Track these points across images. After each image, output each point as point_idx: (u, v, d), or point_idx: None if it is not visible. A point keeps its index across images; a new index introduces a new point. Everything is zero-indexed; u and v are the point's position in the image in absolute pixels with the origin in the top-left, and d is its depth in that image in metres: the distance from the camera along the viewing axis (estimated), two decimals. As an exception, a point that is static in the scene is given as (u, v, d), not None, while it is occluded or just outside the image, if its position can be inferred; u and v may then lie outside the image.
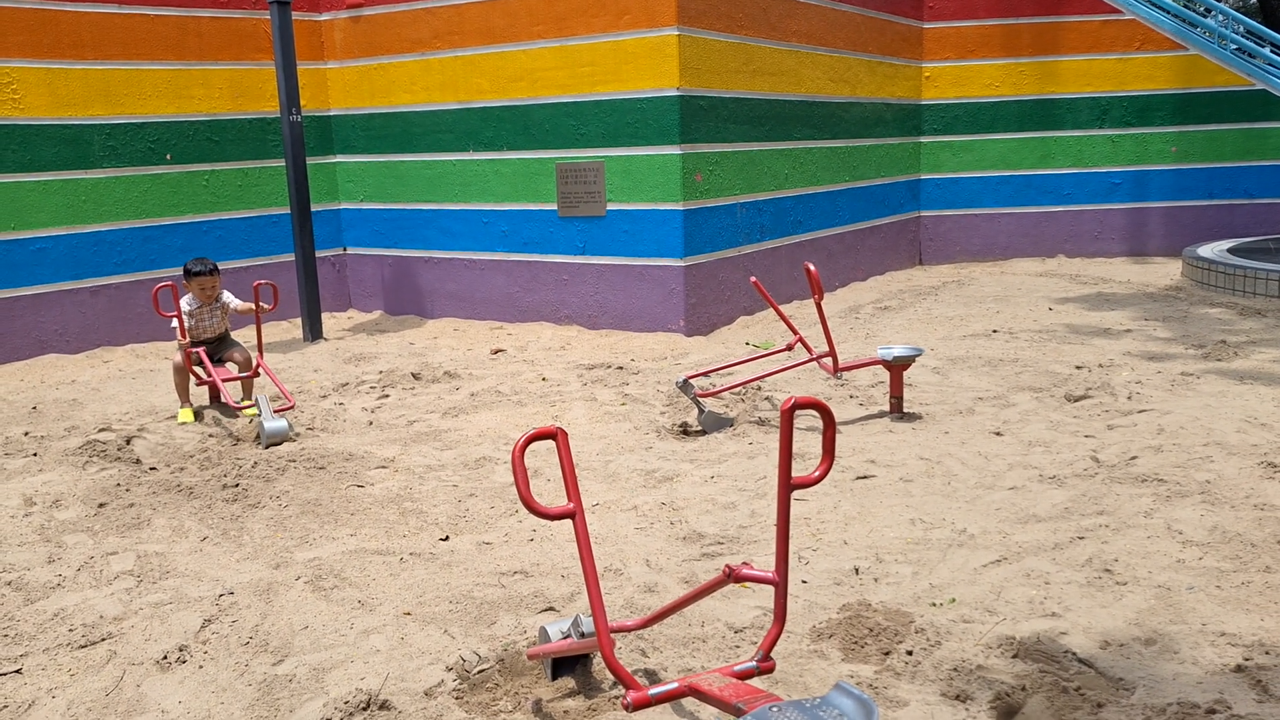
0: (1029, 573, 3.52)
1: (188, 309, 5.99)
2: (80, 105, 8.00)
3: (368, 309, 9.91)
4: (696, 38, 7.97)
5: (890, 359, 5.47)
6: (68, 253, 8.00)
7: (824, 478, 2.42)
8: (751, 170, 8.83)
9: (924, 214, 12.21)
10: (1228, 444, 4.81)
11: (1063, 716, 2.66)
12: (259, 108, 9.09)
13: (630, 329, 8.37)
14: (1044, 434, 5.11)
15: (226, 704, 2.88)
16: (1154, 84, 11.59)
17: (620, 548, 3.89)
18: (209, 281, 6.00)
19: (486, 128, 8.81)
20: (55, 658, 3.19)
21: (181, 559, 3.93)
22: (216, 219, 8.90)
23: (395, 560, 3.85)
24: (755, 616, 3.26)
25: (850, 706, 2.07)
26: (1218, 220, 11.80)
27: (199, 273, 5.98)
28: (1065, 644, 3.00)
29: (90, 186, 8.11)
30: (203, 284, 5.99)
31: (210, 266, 6.01)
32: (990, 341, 7.41)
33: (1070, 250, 12.03)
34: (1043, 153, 11.91)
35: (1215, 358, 6.60)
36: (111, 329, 8.25)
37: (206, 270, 5.99)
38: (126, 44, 8.23)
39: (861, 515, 4.13)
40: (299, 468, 4.94)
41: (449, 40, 8.85)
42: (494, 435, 5.48)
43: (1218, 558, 3.59)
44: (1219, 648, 2.98)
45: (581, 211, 8.45)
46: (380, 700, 2.83)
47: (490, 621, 3.31)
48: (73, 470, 5.02)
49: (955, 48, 11.83)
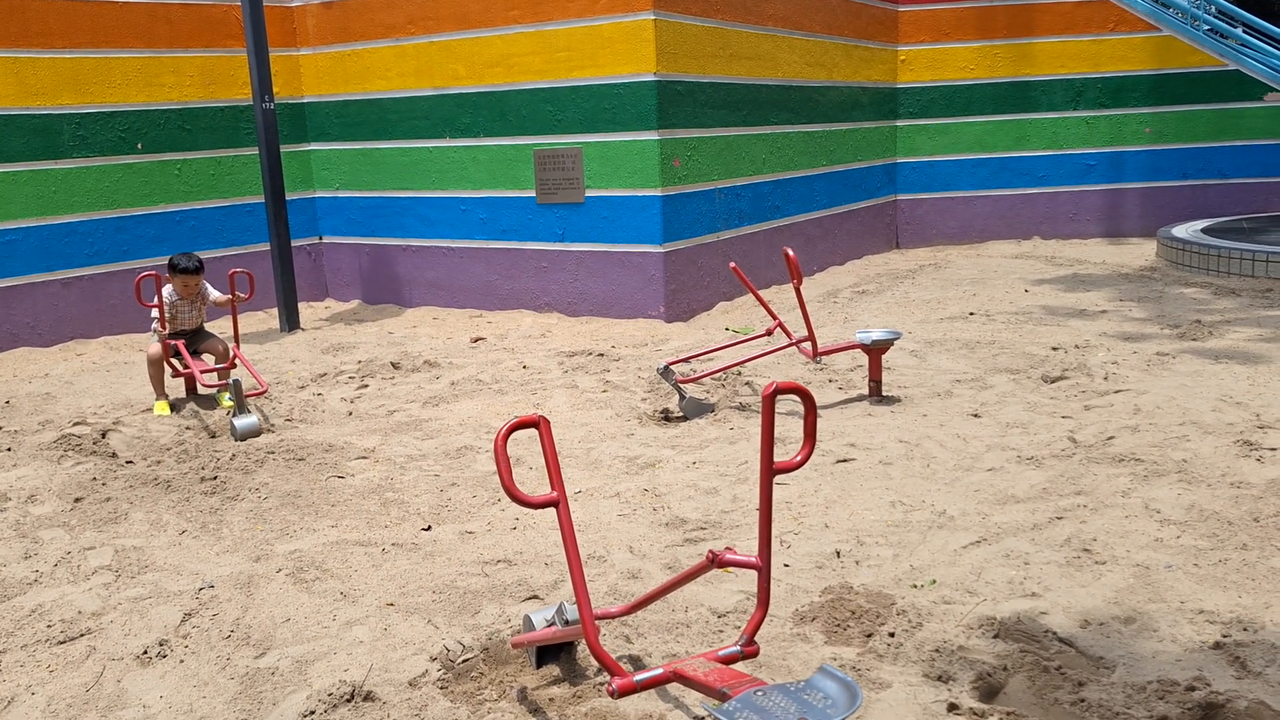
0: (1008, 553, 3.55)
1: (167, 301, 5.93)
2: (49, 94, 7.89)
3: (345, 298, 9.85)
4: (673, 22, 7.93)
5: (869, 343, 5.49)
6: (38, 244, 7.90)
7: (805, 462, 2.42)
8: (729, 155, 8.82)
9: (901, 197, 12.24)
10: (1203, 423, 4.85)
11: (1044, 696, 2.68)
12: (231, 95, 8.99)
13: (610, 315, 8.35)
14: (1021, 415, 5.14)
15: (209, 698, 2.87)
16: (1128, 65, 11.64)
17: (603, 534, 3.89)
18: (193, 280, 5.94)
19: (463, 114, 8.75)
20: (34, 654, 3.16)
21: (160, 553, 3.90)
22: (190, 208, 8.80)
23: (377, 551, 3.83)
24: (738, 601, 3.27)
25: (834, 689, 2.08)
26: (1192, 200, 11.89)
27: (185, 270, 5.90)
28: (1045, 624, 3.03)
29: (60, 177, 8.00)
30: (187, 281, 5.93)
31: (197, 264, 5.93)
32: (967, 324, 7.44)
33: (1046, 232, 12.10)
34: (1018, 135, 11.95)
35: (1190, 337, 6.65)
36: (85, 321, 8.16)
37: (193, 268, 5.91)
38: (95, 32, 8.11)
39: (842, 498, 4.15)
40: (278, 459, 4.91)
41: (424, 25, 8.77)
42: (475, 424, 5.46)
43: (1195, 536, 3.62)
44: (1197, 625, 3.01)
45: (560, 198, 8.42)
46: (364, 692, 2.82)
47: (474, 611, 3.31)
48: (48, 465, 4.96)
49: (930, 30, 11.84)
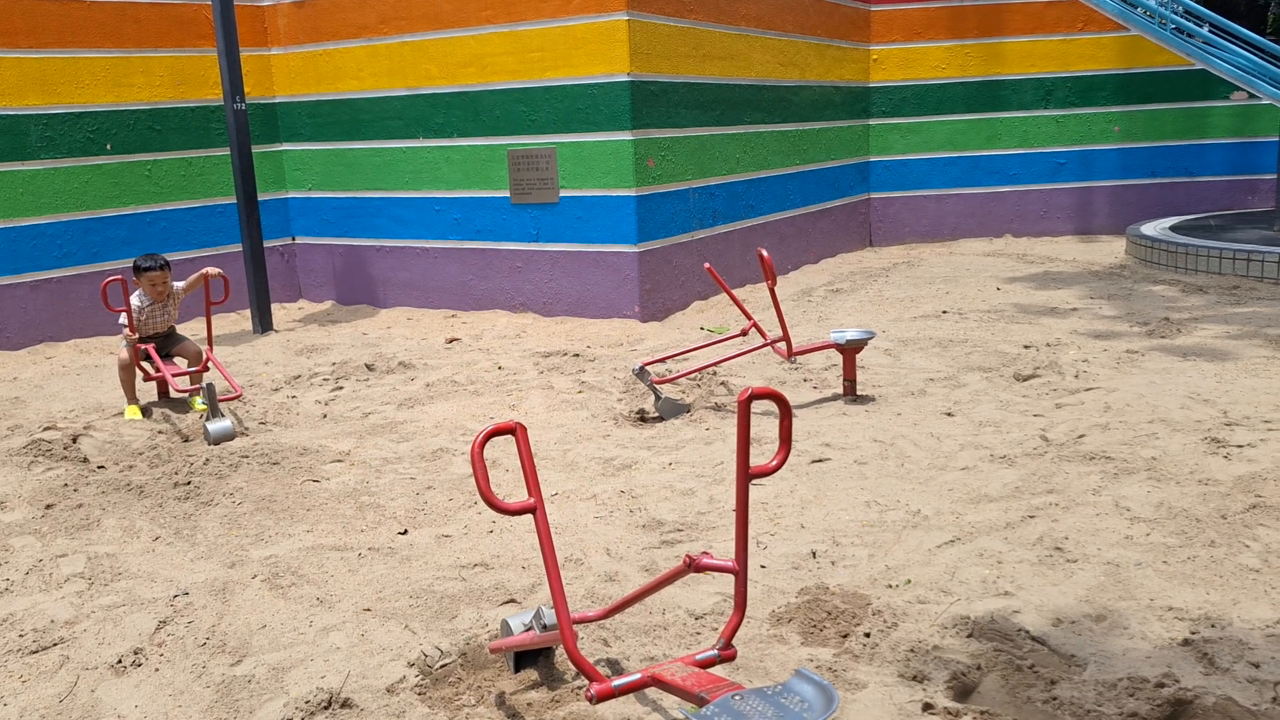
0: (982, 552, 3.59)
1: (137, 305, 5.86)
2: (15, 95, 7.79)
3: (319, 299, 9.79)
4: (646, 22, 7.94)
5: (843, 342, 5.52)
6: (6, 246, 7.80)
7: (781, 466, 2.44)
8: (703, 155, 8.84)
9: (873, 196, 12.31)
10: (1172, 420, 4.92)
11: (1017, 694, 2.72)
12: (202, 95, 8.91)
13: (585, 315, 8.35)
14: (994, 414, 5.20)
15: (184, 706, 2.85)
16: (1097, 64, 11.77)
17: (580, 537, 3.90)
18: (160, 277, 5.88)
19: (436, 114, 8.72)
20: (6, 664, 3.13)
21: (133, 560, 3.87)
22: (160, 210, 8.72)
23: (353, 556, 3.82)
24: (715, 603, 3.28)
25: (811, 693, 2.10)
26: (1161, 198, 12.03)
27: (149, 269, 5.85)
28: (1018, 622, 3.07)
29: (28, 178, 7.91)
30: (153, 280, 5.86)
31: (161, 262, 5.89)
32: (940, 322, 7.50)
33: (1017, 230, 12.21)
34: (989, 134, 12.05)
35: (1159, 335, 6.74)
36: (54, 324, 8.07)
37: (157, 266, 5.86)
38: (63, 32, 8.02)
39: (817, 499, 4.18)
40: (252, 463, 4.88)
41: (396, 25, 8.73)
42: (451, 426, 5.45)
43: (1164, 533, 3.68)
44: (1167, 622, 3.06)
45: (534, 198, 8.41)
46: (342, 699, 2.81)
47: (451, 615, 3.31)
48: (17, 471, 4.91)
49: (902, 30, 11.91)
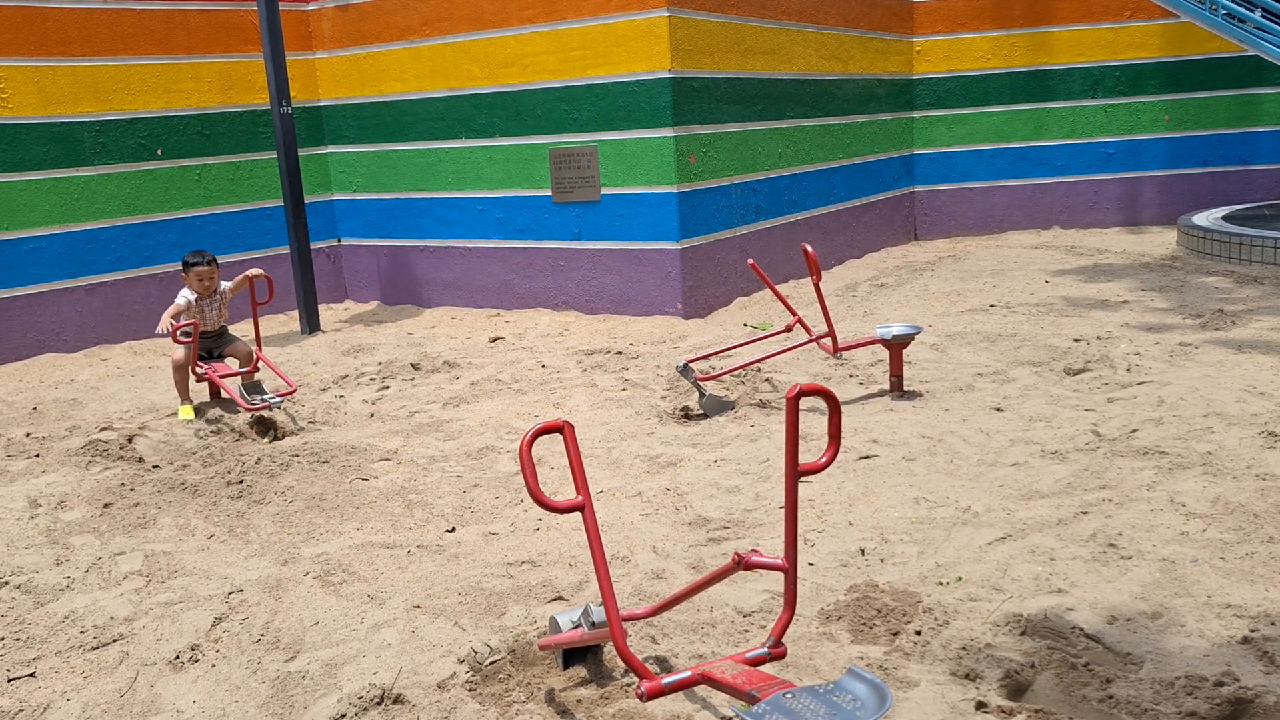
0: (1034, 549, 3.54)
1: (185, 301, 5.94)
2: (69, 103, 7.96)
3: (364, 300, 9.90)
4: (687, 18, 7.93)
5: (889, 338, 5.47)
6: (62, 251, 7.98)
7: (831, 463, 2.43)
8: (745, 150, 8.81)
9: (918, 189, 12.19)
10: (1228, 414, 4.82)
11: (1072, 693, 2.68)
12: (249, 100, 9.04)
13: (628, 313, 8.36)
14: (1044, 409, 5.13)
15: (241, 702, 2.90)
16: (1146, 52, 11.55)
17: (626, 535, 3.91)
18: (207, 273, 5.97)
19: (478, 114, 8.78)
20: (68, 660, 3.20)
21: (189, 557, 3.94)
22: (210, 213, 8.87)
23: (403, 553, 3.86)
24: (764, 600, 3.27)
25: (863, 691, 2.09)
26: (1213, 188, 11.79)
27: (196, 264, 5.95)
28: (1072, 620, 3.02)
29: (82, 184, 8.08)
30: (201, 275, 5.95)
31: (208, 258, 5.98)
32: (988, 316, 7.42)
33: (1065, 221, 12.03)
34: (1036, 124, 11.88)
35: (1213, 327, 6.61)
36: (109, 326, 8.24)
37: (204, 261, 5.96)
38: (114, 39, 8.18)
39: (865, 496, 4.15)
40: (302, 462, 4.95)
41: (438, 27, 8.80)
42: (496, 424, 5.48)
43: (1221, 529, 3.61)
44: (1225, 620, 3.00)
45: (576, 196, 8.43)
46: (394, 694, 2.85)
47: (500, 612, 3.33)
48: (76, 470, 5.02)
49: (946, 21, 11.78)
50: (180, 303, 5.91)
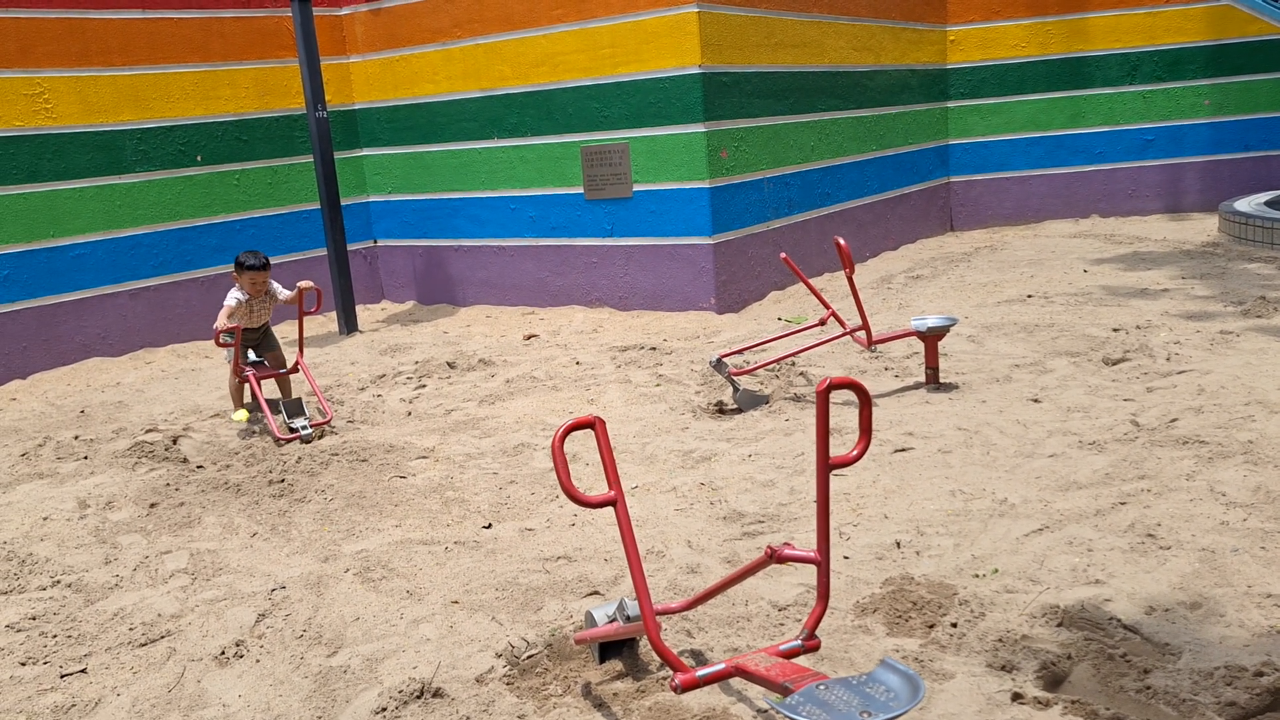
0: (1071, 540, 3.52)
1: (235, 301, 5.97)
2: (111, 111, 8.11)
3: (400, 299, 10.00)
4: (716, 14, 7.92)
5: (924, 329, 5.45)
6: (106, 257, 8.14)
7: (861, 456, 2.43)
8: (777, 144, 8.79)
9: (954, 179, 12.09)
10: (1269, 402, 4.75)
11: (1109, 684, 2.67)
12: (285, 105, 9.17)
13: (661, 309, 8.38)
14: (1083, 399, 5.08)
15: (285, 696, 2.96)
16: (1185, 36, 11.37)
17: (661, 529, 3.93)
18: (260, 277, 6.00)
19: (510, 114, 8.83)
20: (118, 656, 3.28)
21: (233, 555, 4.01)
22: (249, 217, 9.00)
23: (440, 549, 3.91)
24: (798, 594, 3.28)
25: (897, 682, 2.09)
26: (1255, 173, 11.58)
27: (253, 267, 5.97)
28: (1110, 611, 3.01)
29: (125, 191, 8.23)
30: (254, 279, 5.98)
31: (263, 262, 5.98)
32: (1025, 307, 7.35)
33: (1104, 210, 11.87)
34: (1073, 112, 11.74)
35: (1255, 314, 6.51)
36: (152, 330, 8.39)
37: (260, 265, 5.96)
38: (153, 48, 8.33)
39: (901, 488, 4.14)
40: (342, 461, 5.02)
41: (469, 29, 8.86)
42: (531, 421, 5.53)
43: (1262, 518, 3.56)
44: (1265, 609, 2.97)
45: (608, 194, 8.46)
46: (433, 688, 2.89)
47: (536, 607, 3.37)
48: (123, 471, 5.13)
49: (980, 9, 11.67)
50: (231, 304, 5.93)
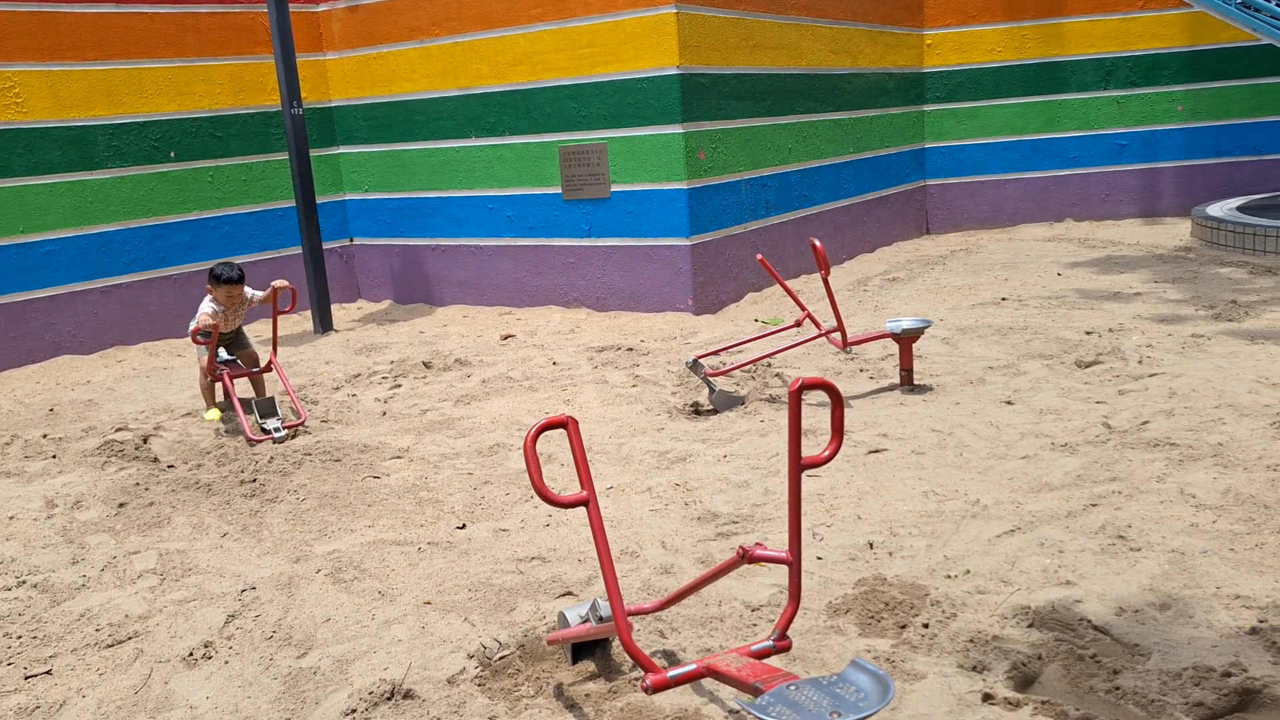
0: (1043, 541, 3.54)
1: (210, 310, 5.91)
2: (83, 106, 8.02)
3: (377, 299, 9.94)
4: (695, 15, 7.93)
5: (899, 331, 5.47)
6: (77, 254, 8.05)
7: (833, 457, 2.44)
8: (755, 146, 8.80)
9: (930, 183, 12.16)
10: (1239, 405, 4.80)
11: (1079, 684, 2.68)
12: (260, 101, 9.09)
13: (639, 310, 8.38)
14: (1055, 401, 5.11)
15: (253, 698, 2.93)
16: (1159, 42, 11.48)
17: (636, 530, 3.92)
18: (236, 290, 5.93)
19: (488, 113, 8.80)
20: (83, 658, 3.24)
21: (203, 556, 3.97)
22: (223, 214, 8.92)
23: (414, 550, 3.89)
24: (771, 594, 3.28)
25: (866, 682, 2.09)
26: (1228, 178, 11.71)
27: (229, 280, 5.90)
28: (1080, 612, 3.02)
29: (96, 187, 8.14)
30: (230, 292, 5.92)
31: (239, 274, 5.91)
32: (1000, 309, 7.39)
33: (1079, 213, 11.97)
34: (1048, 116, 11.83)
35: (1226, 318, 6.57)
36: (124, 328, 8.30)
37: (236, 278, 5.89)
38: (126, 43, 8.24)
39: (875, 489, 4.15)
40: (315, 461, 4.98)
41: (447, 27, 8.83)
42: (507, 421, 5.51)
43: (1231, 520, 3.59)
44: (1233, 611, 3.00)
45: (586, 194, 8.45)
46: (404, 690, 2.87)
47: (509, 608, 3.35)
48: (92, 471, 5.07)
49: (957, 13, 11.73)
50: (208, 320, 5.82)
